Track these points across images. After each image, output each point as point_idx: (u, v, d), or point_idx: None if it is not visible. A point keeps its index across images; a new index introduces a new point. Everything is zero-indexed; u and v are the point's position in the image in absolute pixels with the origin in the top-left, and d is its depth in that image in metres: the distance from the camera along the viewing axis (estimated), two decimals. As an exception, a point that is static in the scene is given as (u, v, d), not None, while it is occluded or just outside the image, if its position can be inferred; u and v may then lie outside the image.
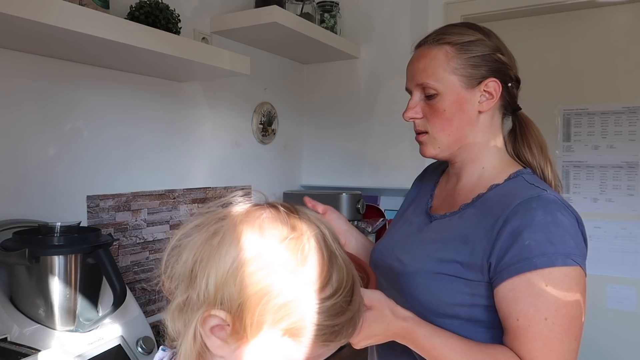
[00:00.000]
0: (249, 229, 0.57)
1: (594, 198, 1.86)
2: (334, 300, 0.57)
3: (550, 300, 0.79)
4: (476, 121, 0.93)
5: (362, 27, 2.19)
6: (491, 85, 0.91)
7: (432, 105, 0.93)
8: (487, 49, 0.92)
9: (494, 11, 1.91)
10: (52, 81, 1.31)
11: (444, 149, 0.95)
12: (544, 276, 0.79)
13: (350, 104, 2.24)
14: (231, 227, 0.58)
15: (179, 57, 1.31)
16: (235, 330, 0.56)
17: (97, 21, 1.10)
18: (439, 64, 0.92)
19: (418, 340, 0.83)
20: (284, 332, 0.55)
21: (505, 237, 0.82)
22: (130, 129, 1.52)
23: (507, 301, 0.81)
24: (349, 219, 1.94)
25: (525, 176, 0.91)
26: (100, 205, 1.43)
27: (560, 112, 1.91)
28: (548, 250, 0.79)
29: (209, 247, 0.57)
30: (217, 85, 1.84)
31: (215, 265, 0.56)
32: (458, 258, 0.87)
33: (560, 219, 0.82)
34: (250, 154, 2.03)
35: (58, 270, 1.04)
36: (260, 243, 0.56)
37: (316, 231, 0.59)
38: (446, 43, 0.93)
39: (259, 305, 0.54)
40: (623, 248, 1.80)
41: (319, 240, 0.59)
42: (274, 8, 1.68)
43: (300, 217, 0.60)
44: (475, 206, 0.91)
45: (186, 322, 0.58)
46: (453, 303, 0.87)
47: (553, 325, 0.79)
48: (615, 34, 1.81)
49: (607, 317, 1.81)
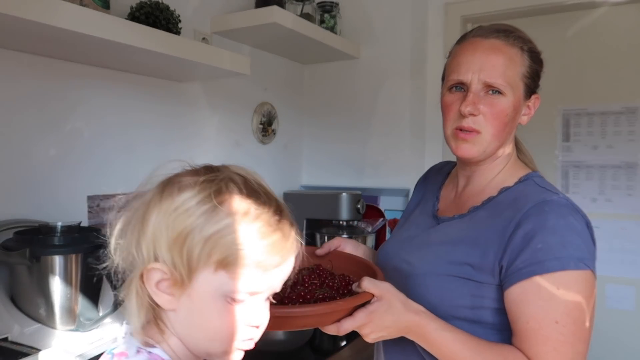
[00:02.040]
0: (169, 185, 0.62)
1: (593, 198, 1.87)
2: (259, 222, 0.59)
3: (562, 304, 0.79)
4: (515, 131, 0.95)
5: (362, 27, 2.19)
6: (536, 101, 0.94)
7: (495, 105, 0.89)
8: (541, 65, 0.92)
9: (494, 11, 1.91)
10: (52, 81, 1.31)
11: (488, 152, 0.92)
12: (555, 280, 0.79)
13: (350, 104, 2.24)
14: (155, 190, 0.62)
15: (179, 57, 1.32)
16: (175, 280, 0.58)
17: (97, 21, 1.10)
18: (515, 65, 0.89)
19: (430, 334, 0.82)
20: (216, 265, 0.57)
21: (518, 240, 0.82)
22: (130, 129, 1.52)
23: (518, 304, 0.81)
24: (349, 219, 1.94)
25: (536, 179, 0.91)
26: (100, 205, 1.43)
27: (560, 112, 1.91)
28: (560, 254, 0.79)
29: (138, 213, 0.61)
30: (217, 86, 1.84)
31: (144, 226, 0.60)
32: (469, 260, 0.86)
33: (572, 223, 0.82)
34: (250, 154, 2.03)
35: (59, 270, 1.04)
36: (178, 194, 0.60)
37: (235, 176, 0.62)
38: (520, 45, 0.90)
39: (184, 245, 0.57)
40: (622, 248, 1.81)
41: (235, 179, 0.61)
42: (274, 8, 1.68)
43: (220, 167, 0.64)
44: (486, 209, 0.91)
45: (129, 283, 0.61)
46: (463, 305, 0.86)
47: (563, 328, 0.78)
48: (615, 34, 1.82)
49: (606, 316, 1.82)
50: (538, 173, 0.94)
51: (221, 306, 0.59)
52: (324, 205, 1.97)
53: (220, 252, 0.57)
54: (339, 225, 1.97)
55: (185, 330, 0.61)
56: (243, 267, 0.57)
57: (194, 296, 0.59)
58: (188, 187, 0.60)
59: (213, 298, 0.58)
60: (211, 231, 0.57)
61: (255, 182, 0.63)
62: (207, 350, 0.62)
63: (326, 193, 2.00)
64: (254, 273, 0.58)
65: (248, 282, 0.58)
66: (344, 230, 1.95)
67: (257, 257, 0.58)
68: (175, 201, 0.59)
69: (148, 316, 0.62)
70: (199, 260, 0.57)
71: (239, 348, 0.62)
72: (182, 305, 0.60)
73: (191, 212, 0.58)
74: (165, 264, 0.58)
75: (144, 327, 0.62)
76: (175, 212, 0.58)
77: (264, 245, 0.58)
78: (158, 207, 0.60)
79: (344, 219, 1.94)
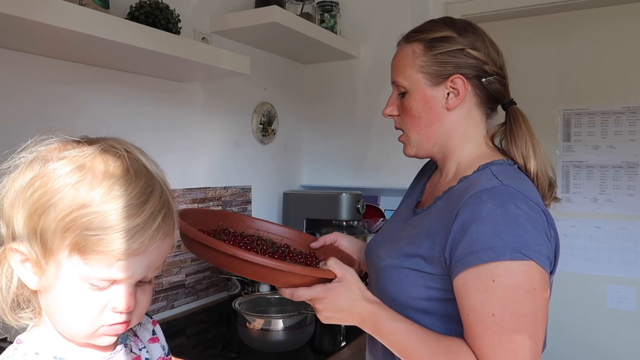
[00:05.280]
0: (34, 160, 0.57)
1: (594, 198, 1.86)
2: (118, 203, 0.53)
3: (498, 296, 0.76)
4: (445, 118, 0.93)
5: (362, 27, 2.19)
6: (457, 82, 0.90)
7: (403, 103, 0.96)
8: (457, 45, 0.90)
9: (494, 11, 1.91)
10: (51, 81, 1.31)
11: (419, 148, 0.96)
12: (490, 270, 0.76)
13: (350, 104, 2.24)
14: (22, 164, 0.58)
15: (179, 57, 1.31)
16: (34, 261, 0.55)
17: (97, 21, 1.10)
18: (406, 62, 0.94)
19: (380, 323, 0.84)
20: (70, 249, 0.53)
21: (457, 229, 0.80)
22: (130, 129, 1.52)
23: (460, 296, 0.80)
24: (349, 219, 1.94)
25: (494, 167, 0.88)
26: (100, 205, 1.43)
27: (560, 112, 1.91)
28: (495, 244, 0.76)
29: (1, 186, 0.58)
30: (217, 85, 1.84)
31: (4, 202, 0.56)
32: (421, 252, 0.86)
33: (514, 211, 0.78)
34: (250, 154, 2.03)
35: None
36: (39, 168, 0.56)
37: (104, 146, 0.58)
38: (415, 40, 0.94)
39: (39, 224, 0.53)
40: (623, 248, 1.80)
41: (106, 151, 0.57)
42: (274, 8, 1.68)
43: (92, 141, 0.59)
44: (444, 199, 0.90)
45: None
46: (418, 296, 0.86)
47: (501, 321, 0.75)
48: (615, 34, 1.81)
49: (607, 317, 1.81)
50: (503, 161, 0.90)
51: (82, 290, 0.55)
52: (324, 205, 1.97)
53: (72, 235, 0.52)
54: (339, 225, 1.97)
55: (52, 313, 0.58)
56: (97, 253, 0.53)
57: (53, 278, 0.55)
58: (50, 160, 0.55)
59: (72, 282, 0.55)
60: (64, 212, 0.52)
61: (129, 159, 0.58)
62: (72, 333, 0.59)
63: (326, 193, 2.00)
64: (109, 261, 0.54)
65: (103, 269, 0.54)
66: (344, 230, 1.94)
67: (112, 244, 0.53)
68: (37, 176, 0.55)
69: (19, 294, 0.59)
70: (52, 242, 0.53)
71: (105, 334, 0.58)
72: (44, 287, 0.56)
73: (50, 188, 0.53)
74: (22, 244, 0.55)
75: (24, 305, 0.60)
76: (34, 187, 0.54)
77: (121, 231, 0.53)
78: (19, 179, 0.56)
79: (344, 219, 1.94)
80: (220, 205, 1.87)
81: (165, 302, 1.65)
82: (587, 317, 1.84)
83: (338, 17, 2.11)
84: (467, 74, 0.90)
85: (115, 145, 0.59)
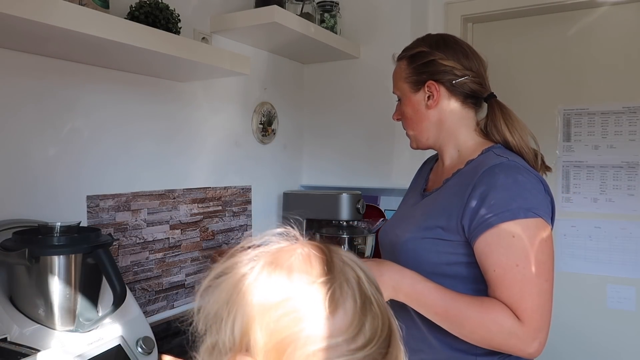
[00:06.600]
0: (277, 271, 0.54)
1: (594, 198, 1.86)
2: (366, 351, 0.52)
3: (519, 249, 0.92)
4: (430, 116, 1.13)
5: (362, 27, 2.18)
6: (431, 87, 1.11)
7: (400, 108, 1.19)
8: (430, 57, 1.11)
9: (494, 11, 1.91)
10: (52, 81, 1.31)
11: (418, 142, 1.19)
12: (510, 228, 0.93)
13: (350, 104, 2.24)
14: (260, 269, 0.55)
15: (179, 57, 1.31)
16: None
17: (97, 21, 1.10)
18: (398, 76, 1.18)
19: (414, 285, 0.95)
20: None
21: (474, 200, 0.97)
22: (130, 129, 1.52)
23: (484, 255, 0.95)
24: (349, 219, 1.94)
25: (495, 150, 1.07)
26: (100, 205, 1.43)
27: (560, 112, 1.91)
28: (511, 206, 0.93)
29: (236, 290, 0.55)
30: (217, 85, 1.84)
31: (241, 310, 0.54)
32: (439, 223, 1.03)
33: (521, 180, 0.96)
34: (250, 154, 2.03)
35: (58, 270, 1.04)
36: (288, 286, 0.53)
37: (350, 274, 0.55)
38: (402, 58, 1.18)
39: (284, 354, 0.51)
40: (623, 248, 1.80)
41: (352, 284, 0.55)
42: (274, 8, 1.67)
43: (334, 258, 0.56)
44: (454, 179, 1.08)
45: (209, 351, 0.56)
46: (440, 262, 1.02)
47: (524, 270, 0.91)
48: (615, 34, 1.81)
49: (607, 317, 1.81)
50: (500, 145, 1.09)
51: None
52: (324, 205, 1.97)
53: None
54: (339, 225, 1.97)
55: None
56: None
57: None
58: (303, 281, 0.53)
59: None
60: (317, 347, 0.50)
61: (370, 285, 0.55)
62: None
63: (326, 193, 2.00)
64: None
65: None
66: (344, 230, 1.94)
67: None
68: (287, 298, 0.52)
69: None
70: None
71: None
72: None
73: (300, 318, 0.51)
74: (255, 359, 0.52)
75: None
76: (283, 309, 0.52)
77: None
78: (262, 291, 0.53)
79: (344, 219, 1.94)
80: (220, 205, 1.87)
81: (165, 302, 1.65)
82: (587, 317, 1.84)
83: (338, 17, 2.11)
84: (440, 79, 1.10)
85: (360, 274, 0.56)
